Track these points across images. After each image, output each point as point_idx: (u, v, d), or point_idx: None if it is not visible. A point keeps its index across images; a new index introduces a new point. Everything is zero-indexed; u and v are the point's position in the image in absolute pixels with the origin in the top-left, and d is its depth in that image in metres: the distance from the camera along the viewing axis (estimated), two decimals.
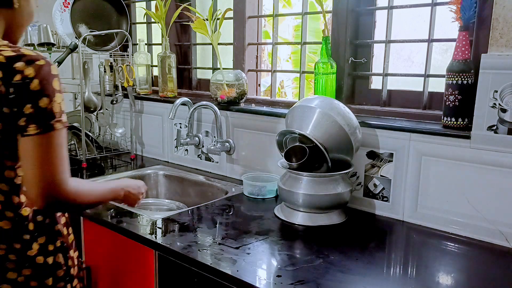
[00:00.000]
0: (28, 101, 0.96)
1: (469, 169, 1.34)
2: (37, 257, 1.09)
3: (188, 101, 1.95)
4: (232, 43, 2.04)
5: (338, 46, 1.67)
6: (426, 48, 1.52)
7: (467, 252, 1.29)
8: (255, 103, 1.96)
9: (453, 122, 1.37)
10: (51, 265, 1.12)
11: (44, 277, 1.10)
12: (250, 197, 1.70)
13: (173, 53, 2.17)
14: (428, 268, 1.17)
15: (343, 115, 1.41)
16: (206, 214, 1.53)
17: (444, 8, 1.41)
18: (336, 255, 1.22)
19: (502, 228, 1.30)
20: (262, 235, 1.34)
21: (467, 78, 1.34)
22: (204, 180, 1.96)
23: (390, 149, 1.49)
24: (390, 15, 1.58)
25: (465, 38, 1.34)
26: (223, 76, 1.90)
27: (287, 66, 3.81)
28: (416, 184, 1.44)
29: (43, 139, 0.97)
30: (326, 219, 1.45)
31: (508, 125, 1.25)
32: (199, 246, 1.27)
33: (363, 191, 1.56)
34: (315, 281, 1.07)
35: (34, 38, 2.39)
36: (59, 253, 1.13)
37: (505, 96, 1.25)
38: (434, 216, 1.42)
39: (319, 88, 1.64)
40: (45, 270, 1.11)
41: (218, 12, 1.91)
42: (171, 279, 1.28)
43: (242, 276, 1.10)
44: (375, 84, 1.68)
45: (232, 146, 1.93)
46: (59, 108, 0.99)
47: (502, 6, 1.24)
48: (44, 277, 1.10)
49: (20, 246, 1.07)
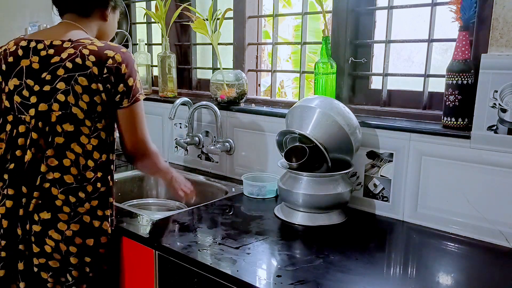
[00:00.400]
0: (121, 81, 1.26)
1: (469, 169, 1.34)
2: (85, 216, 1.28)
3: (188, 101, 1.95)
4: (232, 43, 2.04)
5: (338, 46, 1.67)
6: (426, 48, 1.52)
7: (467, 252, 1.29)
8: (255, 103, 1.96)
9: (453, 122, 1.37)
10: (96, 228, 1.30)
11: (87, 236, 1.29)
12: (250, 197, 1.70)
13: (173, 53, 2.17)
14: (428, 268, 1.17)
15: (343, 115, 1.41)
16: (206, 214, 1.53)
17: (444, 8, 1.41)
18: (336, 255, 1.22)
19: (502, 228, 1.30)
20: (262, 235, 1.34)
21: (467, 78, 1.34)
22: (204, 180, 1.96)
23: (390, 149, 1.49)
24: (390, 15, 1.58)
25: (465, 38, 1.34)
26: (223, 76, 1.90)
27: (287, 66, 3.81)
28: (416, 184, 1.44)
29: (132, 109, 1.31)
30: (326, 219, 1.45)
31: (508, 125, 1.25)
32: (199, 246, 1.27)
33: (363, 191, 1.56)
34: (315, 281, 1.07)
35: None
36: (106, 221, 1.32)
37: (505, 96, 1.25)
38: (434, 216, 1.42)
39: (319, 88, 1.64)
40: (90, 230, 1.29)
41: (218, 12, 1.91)
42: (171, 279, 1.28)
43: (242, 276, 1.10)
44: (375, 84, 1.68)
45: (232, 146, 1.93)
46: (139, 84, 1.32)
47: (502, 6, 1.24)
48: (87, 236, 1.29)
49: (74, 201, 1.26)
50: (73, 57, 1.24)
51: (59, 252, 1.27)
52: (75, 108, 1.25)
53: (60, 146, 1.25)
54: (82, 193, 1.27)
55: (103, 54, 1.25)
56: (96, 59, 1.24)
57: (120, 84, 1.26)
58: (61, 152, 1.25)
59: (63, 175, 1.25)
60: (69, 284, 1.29)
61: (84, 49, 1.25)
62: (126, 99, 1.28)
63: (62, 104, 1.24)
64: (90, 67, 1.24)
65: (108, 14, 1.40)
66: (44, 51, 1.27)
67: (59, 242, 1.26)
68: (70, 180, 1.26)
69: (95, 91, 1.25)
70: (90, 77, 1.24)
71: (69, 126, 1.25)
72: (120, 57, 1.26)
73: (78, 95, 1.24)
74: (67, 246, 1.26)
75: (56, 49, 1.26)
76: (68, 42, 1.27)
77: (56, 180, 1.25)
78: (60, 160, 1.25)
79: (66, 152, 1.25)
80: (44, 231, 1.25)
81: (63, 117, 1.25)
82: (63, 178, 1.25)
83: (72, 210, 1.26)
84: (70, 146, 1.26)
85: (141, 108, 1.34)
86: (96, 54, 1.25)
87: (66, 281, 1.29)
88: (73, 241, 1.27)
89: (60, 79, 1.24)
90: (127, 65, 1.27)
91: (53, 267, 1.27)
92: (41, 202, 1.25)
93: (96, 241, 1.30)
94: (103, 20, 1.40)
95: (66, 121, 1.25)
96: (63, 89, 1.24)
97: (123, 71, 1.26)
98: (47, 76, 1.25)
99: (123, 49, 1.30)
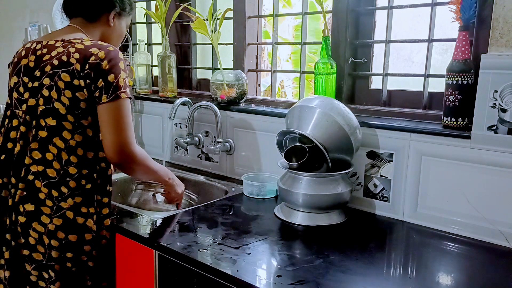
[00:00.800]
0: (100, 76, 1.25)
1: (469, 169, 1.34)
2: (68, 211, 1.29)
3: (188, 101, 1.95)
4: (232, 43, 2.04)
5: (338, 46, 1.67)
6: (426, 48, 1.52)
7: (467, 252, 1.29)
8: (255, 103, 1.96)
9: (453, 122, 1.37)
10: (80, 225, 1.31)
11: (70, 232, 1.30)
12: (250, 197, 1.70)
13: (173, 53, 2.17)
14: (428, 268, 1.17)
15: (343, 115, 1.41)
16: (206, 214, 1.53)
17: (444, 8, 1.41)
18: (336, 255, 1.22)
19: (502, 228, 1.30)
20: (262, 235, 1.35)
21: (467, 78, 1.34)
22: (204, 180, 1.96)
23: (390, 149, 1.49)
24: (390, 15, 1.58)
25: (465, 38, 1.34)
26: (223, 76, 1.90)
27: (287, 66, 3.81)
28: (416, 184, 1.44)
29: (113, 107, 1.26)
30: (326, 219, 1.45)
31: (508, 125, 1.25)
32: (199, 246, 1.27)
33: (363, 191, 1.56)
34: (315, 281, 1.07)
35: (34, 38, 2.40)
36: (90, 218, 1.32)
37: (505, 96, 1.25)
38: (434, 216, 1.42)
39: (319, 88, 1.64)
40: (73, 226, 1.30)
41: (218, 12, 1.91)
42: (171, 279, 1.28)
43: (242, 276, 1.10)
44: (375, 84, 1.68)
45: (232, 146, 1.93)
46: (123, 82, 1.28)
47: (502, 6, 1.24)
48: (70, 232, 1.30)
49: (57, 195, 1.28)
50: (60, 55, 1.29)
51: (43, 245, 1.30)
52: (57, 103, 1.28)
53: (43, 139, 1.29)
54: (64, 188, 1.29)
55: (87, 52, 1.27)
56: (80, 56, 1.27)
57: (99, 79, 1.26)
58: (44, 145, 1.29)
59: (46, 168, 1.28)
60: (52, 281, 1.31)
61: (71, 47, 1.29)
62: (105, 94, 1.26)
63: (46, 99, 1.28)
64: (73, 64, 1.27)
65: (112, 20, 1.42)
66: (40, 50, 1.34)
67: (43, 234, 1.29)
68: (53, 174, 1.28)
69: (77, 87, 1.27)
70: (73, 73, 1.27)
71: (52, 121, 1.28)
72: (103, 54, 1.27)
73: (61, 90, 1.27)
74: (49, 239, 1.29)
75: (48, 48, 1.32)
76: (60, 42, 1.33)
77: (40, 173, 1.29)
78: (43, 153, 1.29)
79: (49, 146, 1.28)
80: (28, 223, 1.29)
81: (46, 112, 1.28)
82: (46, 171, 1.28)
83: (55, 204, 1.29)
84: (53, 141, 1.28)
85: (124, 108, 1.28)
86: (81, 52, 1.28)
87: (50, 277, 1.31)
88: (56, 235, 1.29)
89: (46, 75, 1.29)
90: (109, 61, 1.26)
91: (37, 260, 1.30)
92: (25, 193, 1.29)
93: (79, 238, 1.32)
94: (107, 25, 1.43)
95: (49, 116, 1.28)
96: (48, 84, 1.29)
97: (104, 67, 1.26)
98: (37, 72, 1.31)
99: (111, 47, 1.30)
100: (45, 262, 1.30)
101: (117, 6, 1.42)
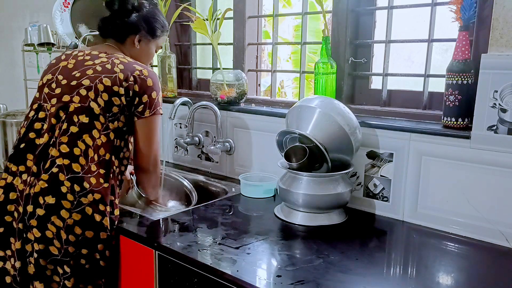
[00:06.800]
0: (145, 92, 1.40)
1: (469, 169, 1.34)
2: (87, 207, 1.32)
3: (188, 101, 1.95)
4: (232, 43, 2.04)
5: (338, 46, 1.67)
6: (426, 48, 1.52)
7: (467, 252, 1.29)
8: (255, 103, 1.96)
9: (453, 122, 1.37)
10: (97, 222, 1.34)
11: (87, 228, 1.32)
12: (250, 197, 1.70)
13: (173, 53, 2.17)
14: (428, 268, 1.17)
15: (343, 115, 1.41)
16: (206, 214, 1.53)
17: (444, 8, 1.41)
18: (336, 255, 1.22)
19: (502, 228, 1.30)
20: (262, 235, 1.35)
21: (467, 78, 1.34)
22: (204, 180, 1.96)
23: (390, 149, 1.49)
24: (390, 15, 1.58)
25: (465, 38, 1.34)
26: (223, 76, 1.90)
27: (287, 66, 3.81)
28: (416, 184, 1.44)
29: (151, 120, 1.43)
30: (326, 219, 1.45)
31: (508, 125, 1.25)
32: (199, 246, 1.27)
33: (363, 191, 1.56)
34: (315, 281, 1.07)
35: (34, 38, 2.40)
36: (106, 217, 1.35)
37: (505, 96, 1.25)
38: (434, 216, 1.42)
39: (319, 88, 1.64)
40: (91, 223, 1.33)
41: (218, 12, 1.91)
42: (171, 279, 1.28)
43: (242, 276, 1.10)
44: (375, 84, 1.68)
45: (232, 146, 1.93)
46: (161, 100, 1.46)
47: (502, 6, 1.24)
48: (87, 228, 1.32)
49: (79, 190, 1.31)
50: (104, 63, 1.40)
51: (60, 240, 1.30)
52: (93, 103, 1.36)
53: (73, 134, 1.34)
54: (87, 183, 1.32)
55: (131, 66, 1.41)
56: (124, 68, 1.39)
57: (144, 95, 1.39)
58: (73, 140, 1.34)
59: (71, 163, 1.32)
60: (67, 276, 1.32)
61: (116, 59, 1.42)
62: (148, 109, 1.41)
63: (82, 98, 1.36)
64: (117, 72, 1.38)
65: (138, 42, 1.52)
66: (82, 57, 1.45)
67: (61, 229, 1.30)
68: (78, 169, 1.32)
69: (115, 93, 1.37)
70: (115, 80, 1.37)
71: (85, 118, 1.35)
72: (147, 72, 1.41)
73: (99, 92, 1.36)
74: (67, 234, 1.30)
75: (91, 57, 1.44)
76: (104, 53, 1.45)
77: (65, 167, 1.32)
78: (72, 148, 1.33)
79: (78, 141, 1.34)
80: (47, 216, 1.30)
81: (80, 109, 1.35)
82: (71, 165, 1.32)
83: (75, 199, 1.31)
84: (82, 137, 1.34)
85: (159, 122, 1.46)
86: (125, 65, 1.40)
87: (64, 272, 1.32)
88: (73, 231, 1.31)
89: (87, 77, 1.38)
90: (153, 79, 1.41)
91: (52, 253, 1.30)
92: (47, 186, 1.31)
93: (95, 235, 1.34)
94: (134, 47, 1.52)
95: (83, 113, 1.35)
96: (87, 85, 1.37)
97: (149, 84, 1.40)
98: (77, 73, 1.40)
99: (150, 68, 1.46)
100: (60, 257, 1.31)
101: (141, 30, 1.51)
